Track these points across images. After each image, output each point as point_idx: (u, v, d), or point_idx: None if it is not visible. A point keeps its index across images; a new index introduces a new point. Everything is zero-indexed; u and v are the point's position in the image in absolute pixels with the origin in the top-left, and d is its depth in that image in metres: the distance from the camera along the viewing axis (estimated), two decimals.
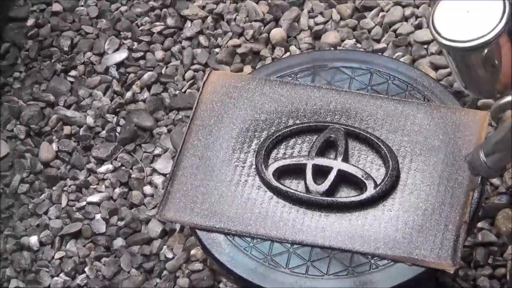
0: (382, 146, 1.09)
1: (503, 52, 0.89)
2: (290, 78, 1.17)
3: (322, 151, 1.10)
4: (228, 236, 1.05)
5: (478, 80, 0.92)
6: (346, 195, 1.07)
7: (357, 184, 1.07)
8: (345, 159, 1.08)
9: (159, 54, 1.51)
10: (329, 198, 1.06)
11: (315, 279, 1.02)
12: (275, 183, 1.07)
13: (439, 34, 0.89)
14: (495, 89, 0.92)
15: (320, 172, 1.08)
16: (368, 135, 1.10)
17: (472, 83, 0.94)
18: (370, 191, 1.05)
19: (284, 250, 1.04)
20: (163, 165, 1.39)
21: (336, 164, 1.08)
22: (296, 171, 1.09)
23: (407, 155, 1.08)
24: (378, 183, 1.06)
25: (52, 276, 1.33)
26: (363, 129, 1.11)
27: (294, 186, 1.08)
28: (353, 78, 1.16)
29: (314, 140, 1.10)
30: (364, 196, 1.05)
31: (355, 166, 1.08)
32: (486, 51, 0.88)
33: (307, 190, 1.07)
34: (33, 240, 1.36)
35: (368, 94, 1.13)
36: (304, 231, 1.05)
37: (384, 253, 1.02)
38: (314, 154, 1.09)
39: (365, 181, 1.06)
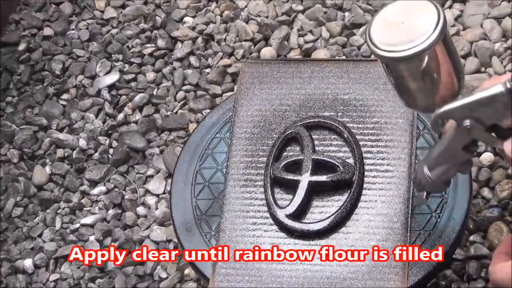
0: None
1: (440, 62, 0.89)
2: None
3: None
4: None
5: (416, 93, 0.93)
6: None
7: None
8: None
9: (150, 75, 1.51)
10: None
11: None
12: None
13: (376, 46, 0.89)
14: (435, 102, 0.92)
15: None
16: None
17: (410, 97, 0.94)
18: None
19: None
20: (156, 185, 1.39)
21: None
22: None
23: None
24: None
25: None
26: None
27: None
28: None
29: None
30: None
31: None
32: (424, 60, 0.88)
33: None
34: (28, 263, 1.36)
35: None
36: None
37: None
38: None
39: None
